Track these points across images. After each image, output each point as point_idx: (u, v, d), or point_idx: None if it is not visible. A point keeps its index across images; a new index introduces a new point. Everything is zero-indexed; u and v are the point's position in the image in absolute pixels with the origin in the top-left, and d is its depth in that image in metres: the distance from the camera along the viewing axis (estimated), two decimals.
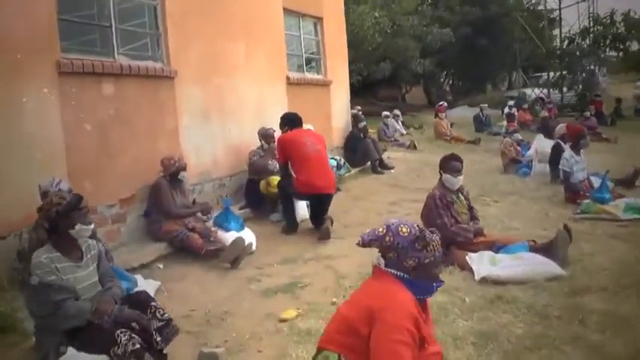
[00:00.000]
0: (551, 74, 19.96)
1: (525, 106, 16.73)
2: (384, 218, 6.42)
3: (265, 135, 6.55)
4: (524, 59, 22.04)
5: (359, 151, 9.32)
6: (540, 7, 22.24)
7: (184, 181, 5.30)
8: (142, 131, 5.18)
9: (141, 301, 3.03)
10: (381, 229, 2.22)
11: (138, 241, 5.00)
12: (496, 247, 4.43)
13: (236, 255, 4.63)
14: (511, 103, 18.07)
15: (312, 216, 5.78)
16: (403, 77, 21.53)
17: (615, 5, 18.07)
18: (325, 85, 9.07)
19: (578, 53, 17.14)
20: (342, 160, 8.54)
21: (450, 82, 28.95)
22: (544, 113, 12.94)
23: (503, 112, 17.53)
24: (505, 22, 22.92)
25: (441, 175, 4.62)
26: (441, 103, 16.78)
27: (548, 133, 11.49)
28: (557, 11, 21.35)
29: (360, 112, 10.43)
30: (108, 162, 4.79)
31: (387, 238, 2.17)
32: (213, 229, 5.22)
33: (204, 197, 5.94)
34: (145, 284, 4.05)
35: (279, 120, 6.08)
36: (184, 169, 5.17)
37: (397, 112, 14.24)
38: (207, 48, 6.10)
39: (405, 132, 14.14)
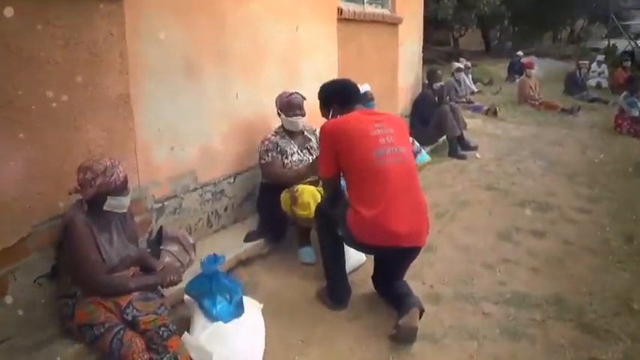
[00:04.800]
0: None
1: (628, 63, 13.25)
2: (498, 275, 3.23)
3: (289, 105, 3.67)
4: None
5: (431, 123, 6.50)
6: None
7: (125, 209, 2.60)
8: (51, 100, 2.49)
9: None
10: None
11: (32, 334, 2.44)
12: None
13: None
14: (600, 57, 14.65)
15: (378, 278, 3.09)
16: (462, 18, 18.00)
17: None
18: (393, 24, 6.08)
19: None
20: (416, 144, 5.11)
21: (514, 26, 24.97)
22: None
23: (589, 69, 14.09)
24: None
25: None
26: (518, 54, 13.56)
27: None
28: None
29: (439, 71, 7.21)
30: None
31: None
32: (186, 298, 2.66)
33: (181, 222, 3.33)
34: None
35: (318, 91, 3.26)
36: (121, 190, 2.43)
37: (467, 62, 11.12)
38: None
39: (476, 89, 11.12)
